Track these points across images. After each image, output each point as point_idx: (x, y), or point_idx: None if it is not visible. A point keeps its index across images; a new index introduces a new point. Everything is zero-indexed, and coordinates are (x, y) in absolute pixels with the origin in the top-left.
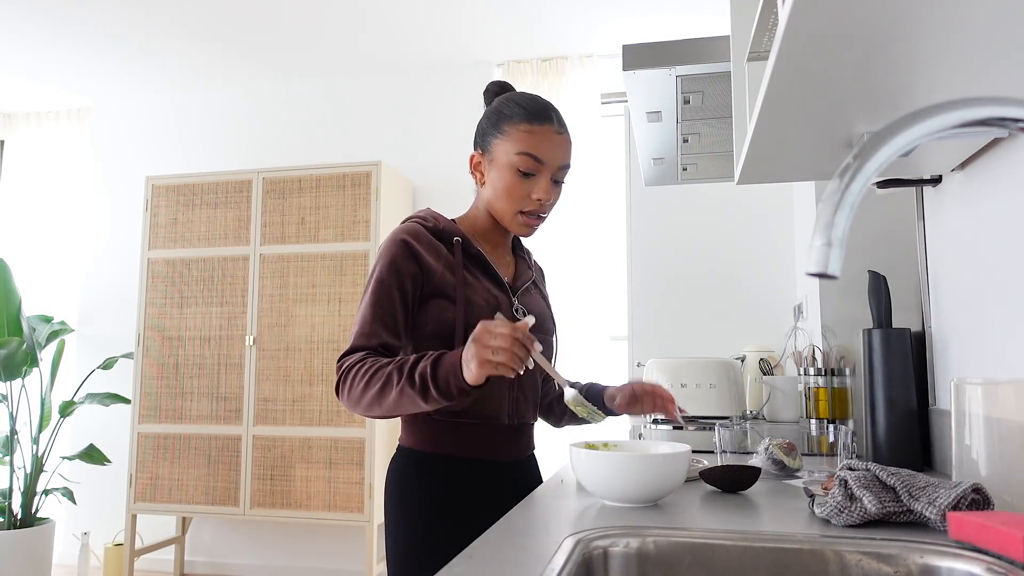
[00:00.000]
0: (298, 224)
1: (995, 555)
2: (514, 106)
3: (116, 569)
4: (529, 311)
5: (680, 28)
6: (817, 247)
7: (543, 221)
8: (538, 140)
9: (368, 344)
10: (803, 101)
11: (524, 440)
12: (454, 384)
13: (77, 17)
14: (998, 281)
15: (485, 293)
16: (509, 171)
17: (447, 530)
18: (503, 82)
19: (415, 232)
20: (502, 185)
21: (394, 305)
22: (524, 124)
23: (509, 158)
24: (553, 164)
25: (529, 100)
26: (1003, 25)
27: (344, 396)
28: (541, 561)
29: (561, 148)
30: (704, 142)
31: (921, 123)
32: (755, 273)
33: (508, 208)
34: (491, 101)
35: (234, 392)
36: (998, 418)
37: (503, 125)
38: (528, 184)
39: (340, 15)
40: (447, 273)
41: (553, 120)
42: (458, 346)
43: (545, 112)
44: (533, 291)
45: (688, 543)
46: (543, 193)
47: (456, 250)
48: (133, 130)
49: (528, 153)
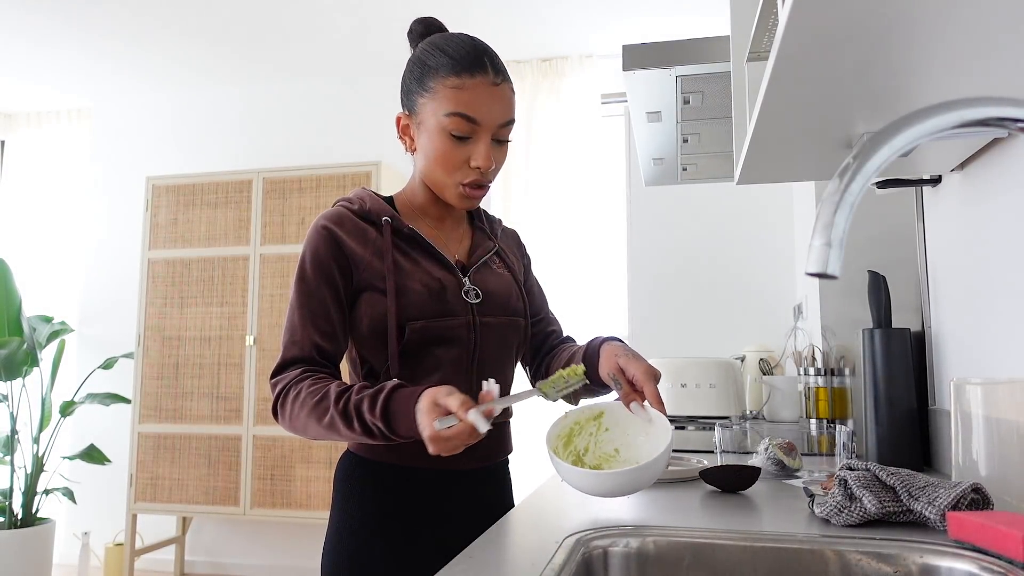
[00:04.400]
0: (298, 224)
1: (995, 555)
2: (439, 55)
3: (116, 569)
4: (485, 289)
5: (680, 28)
6: (817, 247)
7: (487, 190)
8: (470, 96)
9: (301, 355)
10: (803, 101)
11: (489, 446)
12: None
13: (77, 18)
14: (998, 281)
15: (424, 277)
16: (440, 136)
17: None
18: (429, 20)
19: (338, 217)
20: (434, 153)
21: (324, 304)
22: (452, 78)
23: (438, 120)
24: (491, 122)
25: (456, 45)
26: (1003, 25)
27: (284, 422)
28: (541, 561)
29: (500, 102)
30: (704, 142)
31: (921, 123)
32: (755, 273)
33: (444, 179)
34: (416, 46)
35: (234, 392)
36: (998, 418)
37: (428, 80)
38: (464, 149)
39: (340, 15)
40: (375, 260)
41: (487, 68)
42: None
43: (476, 59)
44: (494, 265)
45: (688, 543)
46: (482, 159)
47: (385, 231)
48: (133, 130)
49: (459, 113)
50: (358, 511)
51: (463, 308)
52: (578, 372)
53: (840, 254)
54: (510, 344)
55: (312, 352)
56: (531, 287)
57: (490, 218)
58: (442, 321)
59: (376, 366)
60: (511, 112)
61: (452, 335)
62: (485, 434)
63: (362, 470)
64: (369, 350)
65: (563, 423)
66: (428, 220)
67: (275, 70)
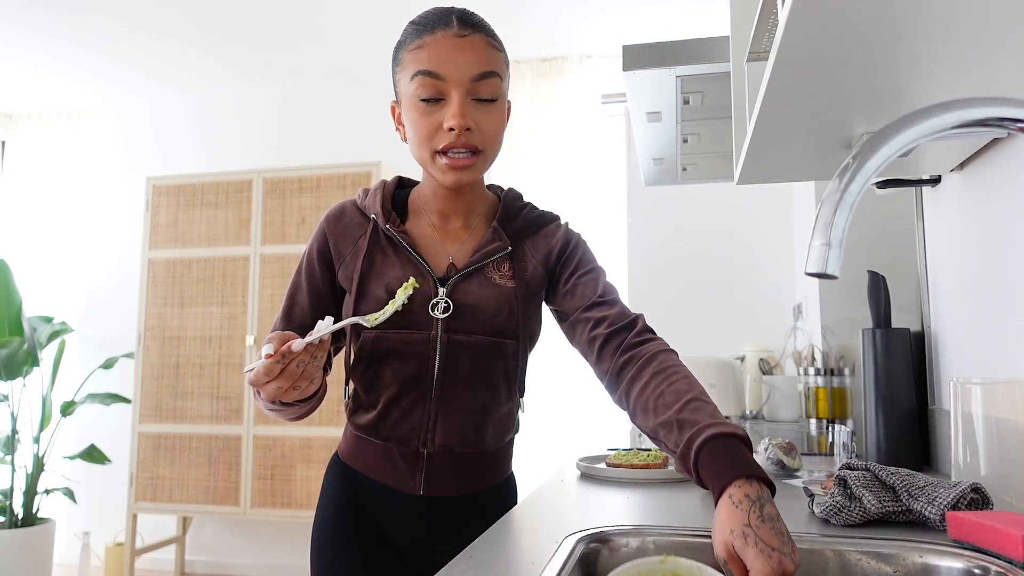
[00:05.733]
0: (298, 224)
1: (994, 554)
2: (408, 28)
3: (116, 569)
4: (463, 302)
5: (680, 28)
6: (816, 247)
7: (472, 160)
8: (431, 52)
9: None
10: (803, 101)
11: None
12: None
13: (78, 18)
14: (998, 281)
15: (392, 283)
16: (411, 105)
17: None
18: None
19: (339, 211)
20: (411, 125)
21: (303, 298)
22: (414, 42)
23: (408, 89)
24: (459, 75)
25: (422, 16)
26: (1003, 25)
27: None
28: (541, 561)
29: (468, 53)
30: (704, 142)
31: (920, 123)
32: (755, 273)
33: (423, 152)
34: None
35: (234, 392)
36: (998, 418)
37: (399, 53)
38: (437, 113)
39: (340, 15)
40: (351, 261)
41: (452, 22)
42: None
43: (440, 17)
44: (492, 274)
45: (688, 543)
46: (455, 117)
47: (368, 229)
48: (134, 130)
49: (422, 71)
50: (332, 515)
51: (426, 322)
52: (408, 288)
53: (840, 254)
54: (491, 368)
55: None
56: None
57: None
58: (399, 333)
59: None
60: (486, 64)
61: (409, 350)
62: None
63: (342, 477)
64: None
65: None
66: (433, 216)
67: (275, 70)
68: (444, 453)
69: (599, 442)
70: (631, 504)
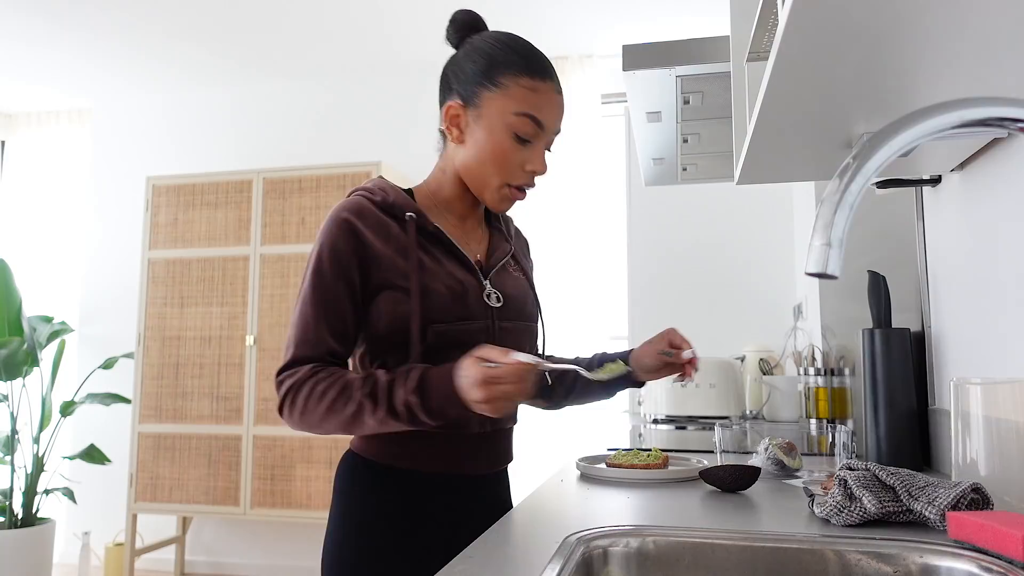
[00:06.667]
0: (298, 224)
1: (994, 555)
2: (510, 52)
3: (116, 569)
4: (504, 292)
5: (680, 28)
6: (817, 247)
7: (526, 195)
8: (541, 100)
9: (315, 354)
10: (803, 101)
11: (497, 451)
12: (456, 414)
13: (78, 18)
14: (998, 281)
15: (447, 279)
16: (504, 134)
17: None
18: (475, 14)
19: (359, 208)
20: (492, 149)
21: (339, 302)
22: (526, 79)
23: (505, 118)
24: (552, 131)
25: (526, 49)
26: (1003, 25)
27: (294, 421)
28: (541, 561)
29: (559, 112)
30: (704, 142)
31: (921, 123)
32: (755, 273)
33: (493, 177)
34: (462, 36)
35: (234, 392)
36: (998, 418)
37: (497, 75)
38: (523, 152)
39: (340, 15)
40: (398, 258)
41: (554, 78)
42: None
43: (547, 67)
44: (511, 268)
45: (688, 543)
46: (539, 164)
47: (409, 228)
48: (134, 130)
49: (530, 115)
50: (358, 511)
51: (483, 312)
52: (621, 366)
53: (840, 254)
54: (524, 349)
55: (324, 353)
56: None
57: (506, 219)
58: (463, 325)
59: (390, 366)
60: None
61: (471, 339)
62: (534, 388)
63: (364, 470)
64: (384, 350)
65: None
66: (451, 217)
67: (275, 70)
68: (497, 431)
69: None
70: (631, 504)
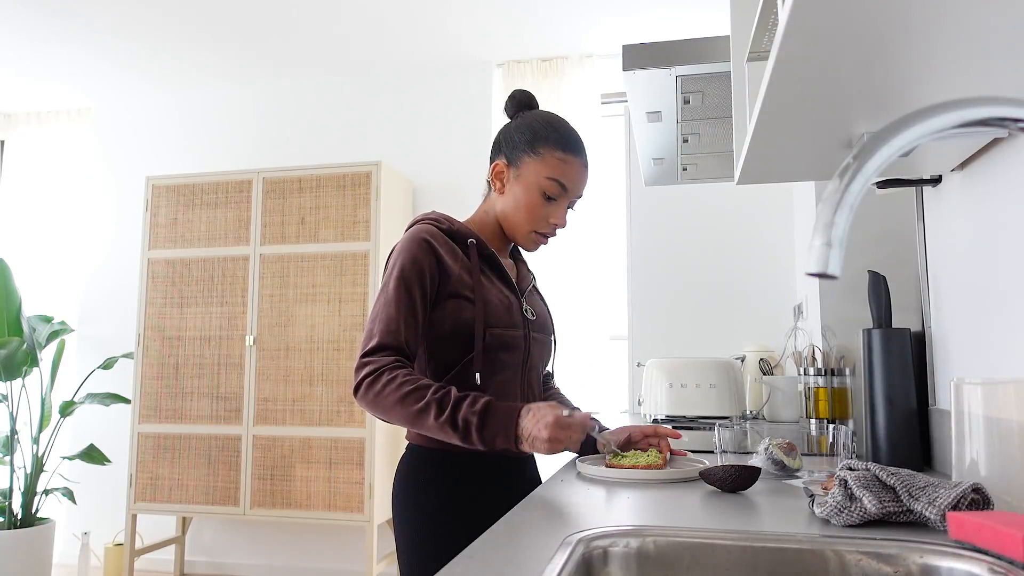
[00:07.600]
0: (298, 224)
1: (995, 555)
2: (551, 130)
3: (116, 569)
4: (535, 311)
5: (680, 28)
6: (817, 247)
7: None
8: (568, 170)
9: (395, 342)
10: (803, 101)
11: None
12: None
13: (78, 17)
14: (998, 281)
15: (499, 294)
16: (535, 192)
17: (465, 528)
18: (529, 93)
19: (432, 233)
20: (525, 202)
21: (415, 304)
22: (559, 152)
23: (538, 180)
24: (574, 193)
25: (565, 128)
26: (1004, 25)
27: (368, 400)
28: (541, 561)
29: (584, 180)
30: (704, 142)
31: (921, 123)
32: (755, 273)
33: (524, 225)
34: (515, 110)
35: (234, 392)
36: (998, 418)
37: (538, 146)
38: (549, 208)
39: (340, 15)
40: (464, 274)
41: (583, 153)
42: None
43: (579, 144)
44: (535, 293)
45: (688, 543)
46: (561, 219)
47: (472, 252)
48: (134, 130)
49: (557, 180)
50: (428, 503)
51: (523, 322)
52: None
53: (840, 254)
54: (545, 358)
55: (403, 343)
56: None
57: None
58: (510, 331)
59: (448, 363)
60: (585, 189)
61: (515, 343)
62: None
63: (428, 462)
64: (445, 348)
65: None
66: (493, 246)
67: (275, 70)
68: None
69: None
70: (631, 504)
